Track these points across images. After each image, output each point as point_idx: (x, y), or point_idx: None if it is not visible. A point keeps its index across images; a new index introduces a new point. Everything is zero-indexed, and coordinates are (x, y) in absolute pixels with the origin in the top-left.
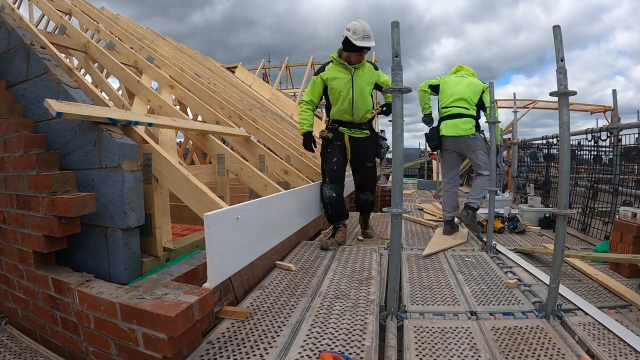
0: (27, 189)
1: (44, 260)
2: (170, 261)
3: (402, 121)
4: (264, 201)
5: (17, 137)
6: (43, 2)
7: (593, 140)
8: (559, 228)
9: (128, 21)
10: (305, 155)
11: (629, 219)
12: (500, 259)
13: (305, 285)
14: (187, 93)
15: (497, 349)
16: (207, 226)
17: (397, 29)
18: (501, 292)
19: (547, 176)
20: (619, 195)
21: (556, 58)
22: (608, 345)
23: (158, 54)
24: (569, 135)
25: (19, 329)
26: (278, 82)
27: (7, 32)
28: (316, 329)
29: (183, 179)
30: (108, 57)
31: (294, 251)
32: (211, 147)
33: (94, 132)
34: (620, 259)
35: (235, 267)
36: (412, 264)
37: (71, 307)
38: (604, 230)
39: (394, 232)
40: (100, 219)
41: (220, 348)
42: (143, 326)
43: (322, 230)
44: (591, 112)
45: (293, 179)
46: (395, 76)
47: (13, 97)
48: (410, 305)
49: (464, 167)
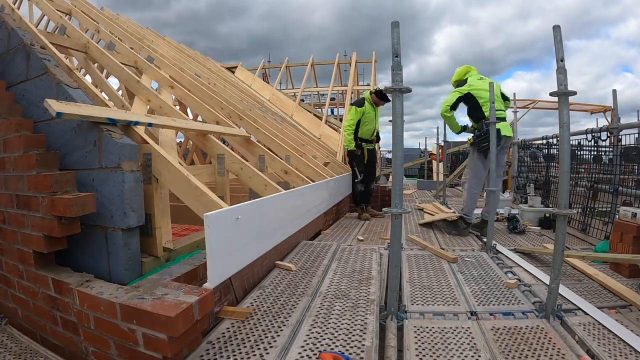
0: (27, 189)
1: (44, 261)
2: (170, 261)
3: (402, 121)
4: (264, 201)
5: (17, 137)
6: (43, 2)
7: (593, 140)
8: (559, 228)
9: (128, 21)
10: (305, 156)
11: (628, 219)
12: (500, 259)
13: (306, 285)
14: (187, 93)
15: (497, 349)
16: (207, 226)
17: (397, 29)
18: (501, 292)
19: (547, 176)
20: (619, 195)
21: (556, 58)
22: (608, 345)
23: (158, 54)
24: (569, 135)
25: (19, 329)
26: (278, 82)
27: (7, 33)
28: (316, 329)
29: (183, 179)
30: (108, 57)
31: (294, 251)
32: (211, 147)
33: (94, 132)
34: (620, 259)
35: (235, 267)
36: (412, 264)
37: (71, 307)
38: (604, 230)
39: (394, 232)
40: (100, 219)
41: (220, 348)
42: (143, 326)
43: (321, 230)
44: (591, 112)
45: (293, 179)
46: (395, 76)
47: (13, 97)
48: (410, 305)
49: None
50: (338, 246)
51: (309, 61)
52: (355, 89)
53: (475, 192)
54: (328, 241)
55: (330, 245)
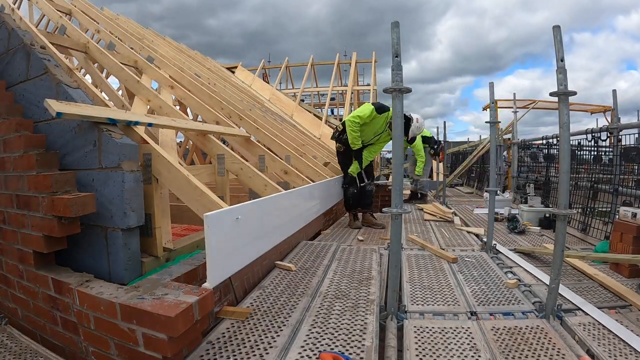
0: (27, 189)
1: (44, 261)
2: (170, 261)
3: (402, 122)
4: (264, 201)
5: (17, 137)
6: (43, 2)
7: (593, 140)
8: (559, 228)
9: (128, 21)
10: (305, 156)
11: (628, 219)
12: (500, 259)
13: (306, 285)
14: (187, 93)
15: (497, 349)
16: (207, 226)
17: (397, 29)
18: (501, 292)
19: (547, 176)
20: (619, 195)
21: (556, 58)
22: (608, 346)
23: (158, 54)
24: (568, 135)
25: (19, 329)
26: (278, 82)
27: (7, 33)
28: (316, 329)
29: (183, 179)
30: (108, 57)
31: (294, 251)
32: (211, 147)
33: (94, 132)
34: (620, 259)
35: (235, 267)
36: (412, 264)
37: (71, 307)
38: (604, 230)
39: (394, 232)
40: (100, 219)
41: (220, 348)
42: (143, 326)
43: (321, 230)
44: (591, 113)
45: (293, 179)
46: (395, 76)
47: (13, 97)
48: (410, 306)
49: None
50: (338, 246)
51: (309, 61)
52: (356, 89)
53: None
54: (328, 241)
55: (330, 245)
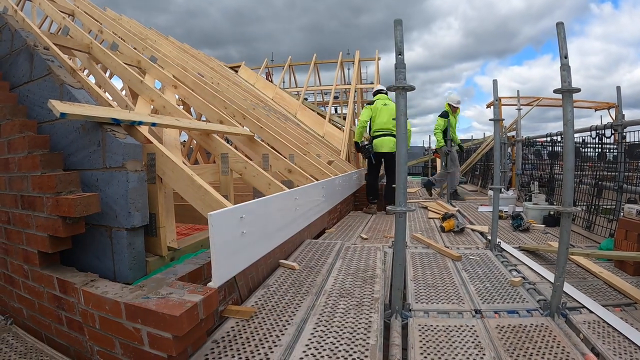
0: (31, 189)
1: (49, 261)
2: (174, 260)
3: (406, 119)
4: (268, 200)
5: (21, 138)
6: (46, 3)
7: (597, 137)
8: (564, 226)
9: (131, 21)
10: (309, 154)
11: (633, 216)
12: (504, 257)
13: (310, 284)
14: (191, 93)
15: (501, 347)
16: (212, 225)
17: (399, 27)
18: (506, 290)
19: (551, 174)
20: (624, 192)
21: (560, 55)
22: (613, 344)
23: (161, 54)
24: (572, 132)
25: (24, 329)
26: (281, 81)
27: (11, 34)
28: (321, 328)
29: (187, 179)
30: (111, 58)
31: (298, 250)
32: (215, 147)
33: (98, 132)
34: (625, 256)
35: (239, 266)
36: (417, 263)
37: (76, 306)
38: (609, 227)
39: (398, 230)
40: (104, 219)
41: (225, 347)
42: (148, 325)
43: (326, 229)
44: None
45: (297, 178)
46: (398, 74)
47: (17, 98)
48: (415, 304)
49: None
50: (342, 244)
51: (312, 60)
52: (359, 88)
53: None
54: (332, 240)
55: (335, 243)
